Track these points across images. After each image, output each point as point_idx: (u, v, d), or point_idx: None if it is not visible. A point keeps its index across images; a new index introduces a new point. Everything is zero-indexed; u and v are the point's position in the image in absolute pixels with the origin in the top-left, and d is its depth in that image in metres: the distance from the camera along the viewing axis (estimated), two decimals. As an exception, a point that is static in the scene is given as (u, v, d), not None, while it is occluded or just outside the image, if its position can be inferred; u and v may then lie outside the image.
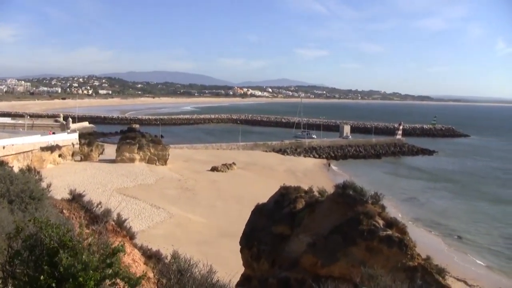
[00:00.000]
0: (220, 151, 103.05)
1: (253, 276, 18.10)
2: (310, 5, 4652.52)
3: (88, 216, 12.55)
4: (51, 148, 71.39)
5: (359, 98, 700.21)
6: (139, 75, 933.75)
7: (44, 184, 12.69)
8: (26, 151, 66.56)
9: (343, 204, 16.45)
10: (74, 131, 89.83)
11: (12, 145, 64.30)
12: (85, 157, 79.80)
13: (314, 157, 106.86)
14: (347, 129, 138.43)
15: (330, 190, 18.11)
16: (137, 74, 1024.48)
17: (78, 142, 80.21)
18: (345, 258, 14.88)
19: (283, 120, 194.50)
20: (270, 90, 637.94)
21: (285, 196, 19.39)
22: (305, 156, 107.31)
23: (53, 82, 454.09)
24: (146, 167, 75.45)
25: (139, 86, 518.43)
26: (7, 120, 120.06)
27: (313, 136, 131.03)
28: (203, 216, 50.26)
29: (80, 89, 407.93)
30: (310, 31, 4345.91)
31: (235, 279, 16.07)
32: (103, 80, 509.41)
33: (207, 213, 51.51)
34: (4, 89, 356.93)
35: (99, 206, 13.08)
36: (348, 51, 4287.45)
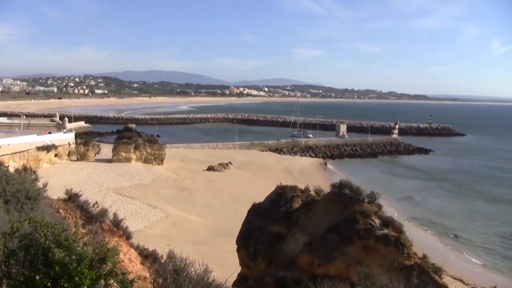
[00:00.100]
0: (217, 151, 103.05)
1: (250, 276, 18.10)
2: (307, 5, 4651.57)
3: (84, 216, 12.53)
4: (47, 148, 71.27)
5: (355, 97, 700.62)
6: (135, 75, 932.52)
7: (40, 184, 12.66)
8: (22, 151, 66.44)
9: (340, 203, 16.45)
10: (70, 131, 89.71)
11: (8, 145, 64.18)
12: (81, 157, 79.69)
13: (311, 156, 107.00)
14: (344, 128, 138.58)
15: (327, 189, 18.12)
16: (133, 74, 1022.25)
17: (74, 142, 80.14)
18: (342, 257, 14.90)
19: (280, 120, 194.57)
20: (267, 90, 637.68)
21: (282, 196, 19.38)
22: (302, 156, 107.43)
23: (49, 82, 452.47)
24: (143, 167, 75.40)
25: (135, 86, 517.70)
26: (3, 120, 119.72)
27: (310, 136, 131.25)
28: (200, 216, 50.26)
29: (76, 89, 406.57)
30: (307, 31, 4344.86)
31: (232, 279, 16.07)
32: (99, 80, 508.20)
33: (204, 213, 51.51)
34: (0, 89, 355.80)
35: (95, 206, 13.08)
36: (345, 51, 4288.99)
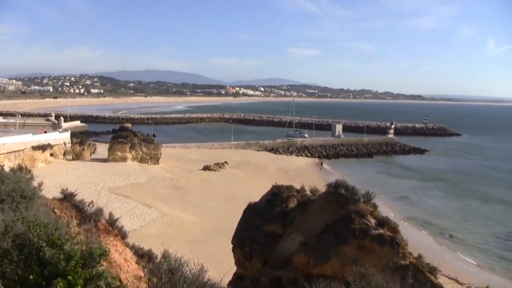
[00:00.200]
0: (213, 150, 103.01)
1: (245, 275, 18.08)
2: (303, 5, 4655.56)
3: (80, 215, 12.49)
4: (43, 147, 71.04)
5: (351, 97, 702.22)
6: (131, 74, 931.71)
7: (36, 183, 12.60)
8: (18, 150, 66.17)
9: (335, 203, 16.45)
10: (66, 130, 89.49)
11: (3, 144, 63.91)
12: (77, 156, 79.51)
13: (306, 156, 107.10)
14: (339, 128, 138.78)
15: (322, 189, 18.10)
16: (129, 73, 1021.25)
17: (70, 141, 79.91)
18: (337, 257, 14.89)
19: (275, 119, 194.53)
20: (262, 89, 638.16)
21: (277, 195, 19.36)
22: (297, 155, 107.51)
23: (45, 81, 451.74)
24: (138, 166, 75.27)
25: (131, 85, 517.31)
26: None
27: (305, 135, 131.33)
28: (195, 215, 50.23)
29: (72, 88, 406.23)
30: (303, 30, 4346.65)
31: (227, 278, 16.07)
32: (95, 79, 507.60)
33: (199, 212, 51.46)
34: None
35: (91, 205, 13.02)
36: (340, 50, 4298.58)
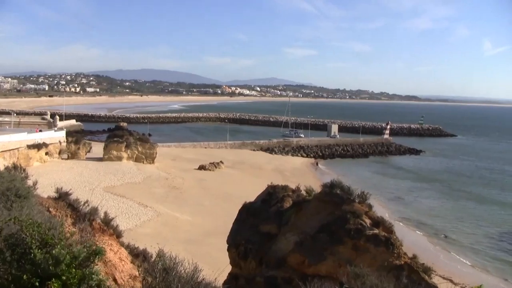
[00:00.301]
0: (208, 150, 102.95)
1: (240, 275, 18.09)
2: (298, 4, 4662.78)
3: (75, 215, 12.46)
4: (38, 146, 70.80)
5: (347, 98, 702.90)
6: (127, 73, 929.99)
7: (30, 182, 12.56)
8: (13, 149, 65.91)
9: (330, 203, 16.48)
10: (61, 129, 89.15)
11: (-2, 143, 63.74)
12: (72, 155, 79.30)
13: (302, 156, 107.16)
14: (335, 128, 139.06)
15: (318, 189, 18.14)
16: (125, 72, 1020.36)
17: (65, 140, 79.63)
18: (332, 257, 14.91)
19: (271, 119, 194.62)
20: (258, 89, 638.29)
21: (273, 195, 19.38)
22: (293, 155, 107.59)
23: (40, 80, 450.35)
24: (134, 166, 75.13)
25: (127, 84, 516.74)
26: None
27: (301, 135, 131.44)
28: (191, 215, 50.18)
29: (68, 87, 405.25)
30: (298, 30, 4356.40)
31: (222, 277, 16.05)
32: (91, 78, 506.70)
33: (195, 212, 51.43)
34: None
35: (86, 205, 12.99)
36: (336, 50, 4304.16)
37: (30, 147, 69.27)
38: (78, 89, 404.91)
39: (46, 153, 73.12)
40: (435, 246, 48.02)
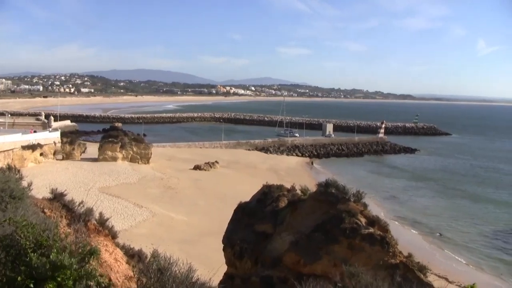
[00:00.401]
0: (203, 150, 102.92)
1: (236, 275, 18.08)
2: (293, 4, 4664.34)
3: (70, 215, 12.43)
4: (33, 147, 70.61)
5: (342, 97, 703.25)
6: (122, 73, 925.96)
7: (25, 183, 12.53)
8: (7, 150, 65.73)
9: (326, 202, 16.49)
10: (56, 130, 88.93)
11: (-8, 144, 63.55)
12: (67, 156, 79.08)
13: (297, 156, 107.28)
14: (330, 128, 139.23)
15: (313, 189, 18.14)
16: (120, 72, 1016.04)
17: (60, 141, 79.45)
18: (328, 256, 14.92)
19: (266, 119, 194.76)
20: (253, 89, 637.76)
21: (268, 195, 19.37)
22: (288, 155, 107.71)
23: (35, 80, 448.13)
24: (129, 166, 75.02)
25: (122, 84, 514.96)
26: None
27: (296, 135, 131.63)
28: (186, 215, 50.16)
29: (62, 87, 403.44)
30: (293, 30, 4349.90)
31: (217, 277, 16.06)
32: (86, 78, 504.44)
33: (190, 212, 51.41)
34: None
35: (81, 205, 12.96)
36: (331, 50, 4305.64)
37: (25, 148, 69.09)
38: (73, 90, 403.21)
39: (41, 154, 72.93)
40: (430, 245, 48.18)
